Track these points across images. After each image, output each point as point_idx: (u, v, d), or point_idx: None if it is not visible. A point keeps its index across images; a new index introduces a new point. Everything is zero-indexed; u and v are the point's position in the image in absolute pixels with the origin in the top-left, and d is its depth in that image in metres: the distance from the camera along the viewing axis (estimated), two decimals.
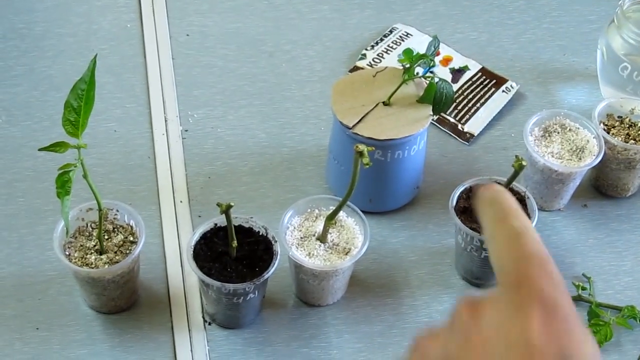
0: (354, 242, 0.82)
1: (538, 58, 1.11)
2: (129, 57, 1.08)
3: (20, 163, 0.96)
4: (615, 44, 0.99)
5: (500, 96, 1.05)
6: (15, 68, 1.06)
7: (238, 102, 1.04)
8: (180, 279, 0.87)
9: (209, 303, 0.82)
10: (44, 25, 1.11)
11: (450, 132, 1.02)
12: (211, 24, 1.13)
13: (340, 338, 0.84)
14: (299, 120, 1.02)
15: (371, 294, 0.87)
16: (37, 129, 0.99)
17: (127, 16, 1.13)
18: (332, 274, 0.81)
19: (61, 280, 0.86)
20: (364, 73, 0.92)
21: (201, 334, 0.83)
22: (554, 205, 0.95)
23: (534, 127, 0.92)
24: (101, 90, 0.99)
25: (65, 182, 0.72)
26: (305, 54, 1.10)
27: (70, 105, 0.71)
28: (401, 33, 1.12)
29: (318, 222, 0.83)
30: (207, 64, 1.08)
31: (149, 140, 0.99)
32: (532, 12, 1.17)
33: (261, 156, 0.98)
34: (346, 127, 0.86)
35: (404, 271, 0.89)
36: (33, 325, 0.83)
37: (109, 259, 0.79)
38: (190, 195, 0.94)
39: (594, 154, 0.90)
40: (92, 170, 0.75)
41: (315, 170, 0.97)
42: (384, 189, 0.91)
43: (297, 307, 0.86)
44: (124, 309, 0.84)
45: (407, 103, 0.88)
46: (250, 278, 0.77)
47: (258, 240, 0.80)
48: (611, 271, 0.90)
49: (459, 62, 1.09)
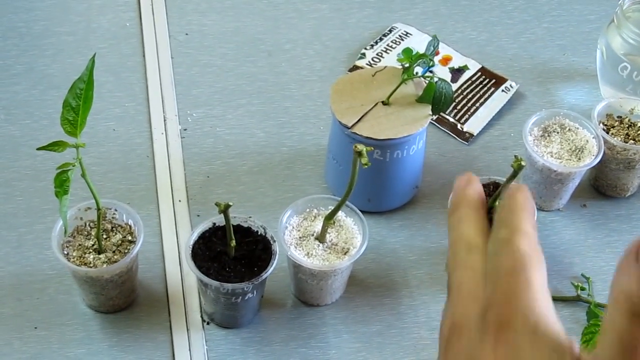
0: (353, 242, 0.82)
1: (537, 58, 1.11)
2: (128, 56, 1.08)
3: (19, 162, 0.96)
4: (615, 43, 0.99)
5: (499, 96, 1.05)
6: (15, 67, 1.06)
7: (237, 102, 1.04)
8: (178, 278, 0.87)
9: (207, 302, 0.82)
10: (43, 24, 1.11)
11: (450, 131, 1.02)
12: (210, 23, 1.13)
13: (339, 338, 0.84)
14: (298, 119, 1.02)
15: (370, 293, 0.87)
16: (36, 128, 0.99)
17: (126, 15, 1.13)
18: (331, 274, 0.81)
19: (59, 280, 0.86)
20: (363, 72, 0.92)
21: (199, 334, 0.83)
22: (553, 205, 0.94)
23: (533, 127, 0.92)
24: (100, 89, 0.99)
25: (64, 182, 0.71)
26: (304, 53, 1.10)
27: (69, 104, 0.71)
28: (400, 32, 1.12)
29: (317, 221, 0.83)
30: (206, 63, 1.08)
31: (148, 140, 0.99)
32: (532, 11, 1.17)
33: (260, 155, 0.98)
34: (345, 126, 0.85)
35: (402, 271, 0.89)
36: (31, 325, 0.83)
37: (107, 259, 0.79)
38: (189, 195, 0.94)
39: (593, 154, 0.90)
40: (90, 170, 0.75)
41: (314, 170, 0.97)
42: (382, 189, 0.91)
43: (295, 307, 0.86)
44: (122, 308, 0.84)
45: (406, 103, 0.88)
46: (248, 278, 0.77)
47: (257, 240, 0.80)
48: (610, 271, 0.89)
49: (458, 61, 1.09)
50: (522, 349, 0.38)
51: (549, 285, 0.41)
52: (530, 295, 0.39)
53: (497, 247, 0.42)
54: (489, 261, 0.42)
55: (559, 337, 0.38)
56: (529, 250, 0.41)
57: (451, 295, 0.43)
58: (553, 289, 0.87)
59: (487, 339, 0.39)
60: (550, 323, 0.39)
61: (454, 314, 0.42)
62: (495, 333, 0.39)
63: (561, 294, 0.87)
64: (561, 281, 0.88)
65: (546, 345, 0.38)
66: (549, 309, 0.40)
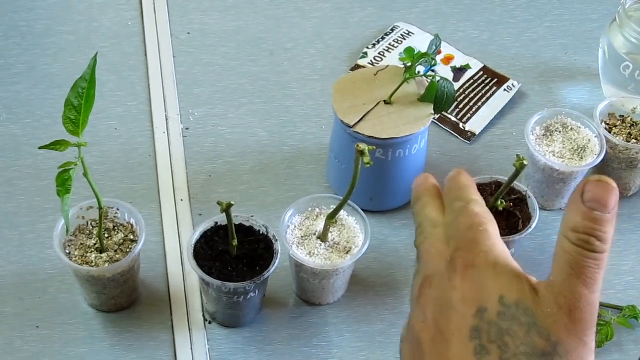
0: (355, 241, 0.82)
1: (540, 57, 1.11)
2: (130, 55, 1.08)
3: (21, 161, 0.96)
4: (617, 43, 0.98)
5: (501, 95, 1.05)
6: (16, 66, 1.06)
7: (239, 101, 1.04)
8: (180, 277, 0.87)
9: (209, 302, 0.82)
10: (45, 23, 1.11)
11: (452, 131, 1.02)
12: (212, 22, 1.13)
13: (341, 337, 0.84)
14: (300, 118, 1.02)
15: (372, 293, 0.87)
16: (38, 127, 0.99)
17: (128, 14, 1.13)
18: (333, 273, 0.81)
19: (61, 279, 0.86)
20: (365, 72, 0.91)
21: (201, 333, 0.83)
22: (555, 204, 0.94)
23: (535, 126, 0.92)
24: (102, 88, 0.99)
25: (66, 181, 0.71)
26: (306, 52, 1.10)
27: (71, 103, 0.71)
28: (403, 31, 1.12)
29: (319, 221, 0.83)
30: (208, 62, 1.08)
31: (150, 139, 0.99)
32: (534, 10, 1.17)
33: (262, 155, 0.98)
34: (347, 125, 0.85)
35: (404, 270, 0.89)
36: (33, 324, 0.83)
37: (109, 258, 0.79)
38: (191, 194, 0.94)
39: (595, 154, 0.90)
40: (92, 169, 0.75)
41: (316, 169, 0.97)
42: (385, 188, 0.91)
43: (297, 306, 0.86)
44: (124, 307, 0.84)
45: (408, 102, 0.88)
46: (250, 277, 0.77)
47: (259, 239, 0.80)
48: (612, 271, 0.90)
49: (460, 60, 1.09)
50: (485, 280, 0.45)
51: None
52: (489, 242, 0.46)
53: (454, 215, 0.49)
54: (449, 228, 0.49)
55: (517, 269, 0.45)
56: (483, 212, 0.48)
57: (421, 261, 0.50)
58: None
59: (454, 278, 0.46)
60: (509, 260, 0.46)
61: (425, 271, 0.49)
62: (461, 272, 0.46)
63: None
64: None
65: (506, 276, 0.45)
66: (507, 252, 0.47)
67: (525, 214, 0.84)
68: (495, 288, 0.44)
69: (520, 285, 0.44)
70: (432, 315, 0.47)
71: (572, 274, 0.43)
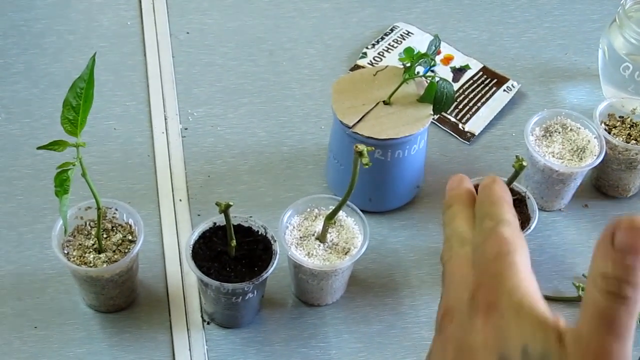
0: (354, 242, 0.81)
1: (539, 57, 1.11)
2: (129, 55, 1.08)
3: (19, 161, 0.96)
4: (617, 43, 0.98)
5: (501, 95, 1.05)
6: (15, 65, 1.06)
7: (238, 101, 1.04)
8: (179, 278, 0.87)
9: (207, 302, 0.82)
10: (44, 22, 1.11)
11: (451, 131, 1.02)
12: (211, 22, 1.13)
13: (340, 338, 0.84)
14: (299, 119, 1.02)
15: (371, 293, 0.87)
16: (37, 127, 0.99)
17: (127, 14, 1.13)
18: (332, 274, 0.81)
19: (60, 279, 0.86)
20: (365, 72, 0.91)
21: (200, 334, 0.83)
22: (554, 205, 0.94)
23: (535, 127, 0.92)
24: (101, 88, 0.99)
25: (64, 181, 0.71)
26: (305, 52, 1.10)
27: (69, 103, 0.71)
28: (402, 32, 1.12)
29: (317, 221, 0.83)
30: (207, 62, 1.08)
31: (149, 139, 0.99)
32: (534, 11, 1.17)
33: (261, 155, 0.98)
34: (346, 126, 0.85)
35: (403, 271, 0.89)
36: (31, 324, 0.83)
37: (107, 258, 0.79)
38: (190, 194, 0.94)
39: (595, 154, 0.90)
40: (91, 169, 0.75)
41: (315, 170, 0.97)
42: (384, 189, 0.91)
43: (296, 307, 0.86)
44: (122, 307, 0.84)
45: (407, 102, 0.88)
46: (249, 277, 0.77)
47: (257, 240, 0.80)
48: None
49: (460, 61, 1.09)
50: (508, 327, 0.41)
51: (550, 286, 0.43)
52: (515, 276, 0.43)
53: (482, 236, 0.45)
54: (475, 251, 0.46)
55: (543, 314, 0.41)
56: (512, 237, 0.45)
57: (445, 284, 0.46)
58: (554, 290, 0.87)
59: (476, 320, 0.43)
60: (535, 301, 0.42)
61: (447, 300, 0.46)
62: (483, 313, 0.43)
63: (562, 295, 0.86)
64: (562, 281, 0.88)
65: (530, 322, 0.41)
66: (534, 288, 0.43)
67: (524, 214, 0.84)
68: (519, 336, 0.41)
69: (545, 335, 0.41)
70: (453, 356, 0.44)
71: (602, 325, 0.39)
